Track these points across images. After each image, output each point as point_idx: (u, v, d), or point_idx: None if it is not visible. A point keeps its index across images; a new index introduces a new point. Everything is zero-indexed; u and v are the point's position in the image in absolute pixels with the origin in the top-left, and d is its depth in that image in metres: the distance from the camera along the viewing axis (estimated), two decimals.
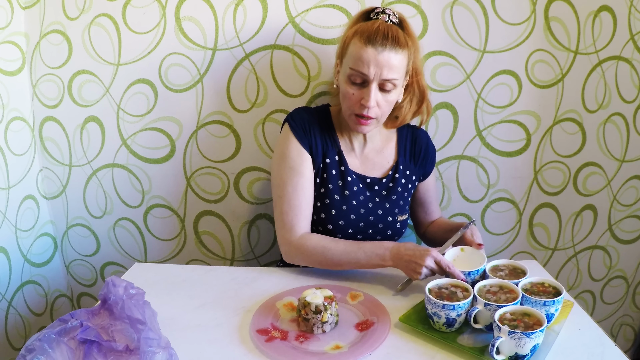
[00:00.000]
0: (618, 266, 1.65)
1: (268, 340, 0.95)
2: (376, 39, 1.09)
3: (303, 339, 0.97)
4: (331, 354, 0.92)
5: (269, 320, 1.02)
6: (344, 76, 1.14)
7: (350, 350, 0.92)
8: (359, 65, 1.10)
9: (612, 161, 1.53)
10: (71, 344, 0.85)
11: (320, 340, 0.96)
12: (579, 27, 1.40)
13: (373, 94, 1.11)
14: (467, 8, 1.39)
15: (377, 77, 1.10)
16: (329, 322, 0.98)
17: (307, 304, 0.97)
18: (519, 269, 1.06)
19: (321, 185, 1.23)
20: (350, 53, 1.12)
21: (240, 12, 1.40)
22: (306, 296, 0.99)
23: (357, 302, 1.08)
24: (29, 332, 1.55)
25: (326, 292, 1.01)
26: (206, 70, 1.44)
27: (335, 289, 1.11)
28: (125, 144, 1.52)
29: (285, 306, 1.07)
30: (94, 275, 1.68)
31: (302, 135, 1.21)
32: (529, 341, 0.84)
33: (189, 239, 1.61)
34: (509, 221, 1.59)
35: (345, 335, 0.98)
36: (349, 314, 1.05)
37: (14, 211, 1.46)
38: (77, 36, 1.43)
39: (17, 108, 1.46)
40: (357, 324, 1.01)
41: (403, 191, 1.28)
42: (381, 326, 0.98)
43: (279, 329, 1.00)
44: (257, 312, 1.04)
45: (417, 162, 1.31)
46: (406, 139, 1.31)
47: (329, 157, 1.23)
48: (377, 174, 1.27)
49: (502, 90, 1.46)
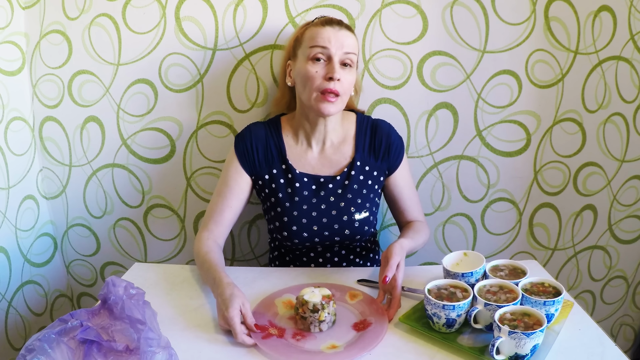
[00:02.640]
0: (618, 266, 1.65)
1: (265, 337, 0.95)
2: (332, 22, 1.19)
3: (300, 337, 0.97)
4: (326, 353, 0.92)
5: (267, 317, 1.02)
6: (304, 59, 1.18)
7: (346, 350, 0.92)
8: (320, 41, 1.16)
9: (612, 161, 1.53)
10: (71, 344, 0.85)
11: (317, 339, 0.96)
12: (579, 27, 1.40)
13: (337, 66, 1.15)
14: (467, 8, 1.39)
15: (338, 52, 1.16)
16: (326, 321, 0.98)
17: (305, 303, 0.97)
18: (519, 269, 1.06)
19: (270, 195, 1.26)
20: (307, 38, 1.19)
21: (240, 12, 1.40)
22: (304, 294, 0.99)
23: (356, 302, 1.08)
24: (29, 332, 1.55)
25: (325, 291, 1.01)
26: (206, 70, 1.44)
27: (335, 287, 1.11)
28: (125, 144, 1.52)
29: (284, 303, 1.07)
30: (94, 275, 1.68)
31: (244, 157, 1.27)
32: (529, 341, 0.84)
33: (189, 239, 1.61)
34: (509, 221, 1.59)
35: (342, 335, 0.98)
36: (347, 313, 1.05)
37: (14, 211, 1.46)
38: (77, 36, 1.43)
39: (17, 108, 1.46)
40: (355, 324, 1.01)
41: (361, 188, 1.26)
42: (378, 327, 0.98)
43: (277, 326, 1.00)
44: (256, 309, 1.04)
45: (379, 156, 1.28)
46: (365, 133, 1.29)
47: (275, 168, 1.26)
48: (332, 172, 1.27)
49: (502, 90, 1.46)
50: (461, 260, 1.12)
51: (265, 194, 1.28)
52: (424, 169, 1.52)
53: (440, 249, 1.61)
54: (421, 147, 1.50)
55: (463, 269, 1.08)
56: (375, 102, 1.46)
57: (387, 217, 1.55)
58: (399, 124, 1.44)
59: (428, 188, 1.54)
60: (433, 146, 1.51)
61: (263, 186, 1.27)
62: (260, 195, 1.30)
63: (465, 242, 1.61)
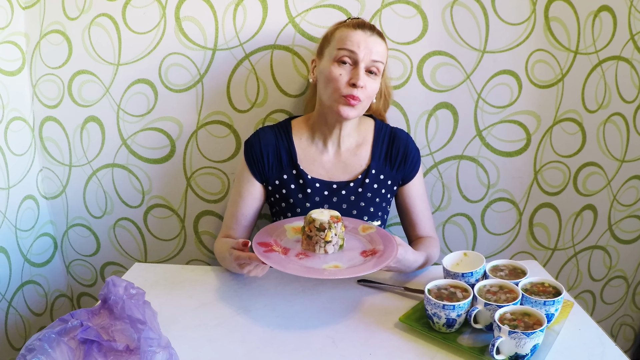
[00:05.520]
0: (618, 266, 1.65)
1: (267, 251, 0.92)
2: (364, 26, 1.16)
3: (303, 256, 0.93)
4: (327, 270, 0.88)
5: (272, 237, 0.99)
6: (330, 60, 1.15)
7: (347, 269, 0.89)
8: (349, 44, 1.12)
9: (612, 161, 1.54)
10: (71, 344, 0.85)
11: (320, 259, 0.93)
12: (579, 27, 1.40)
13: (362, 73, 1.12)
14: (467, 8, 1.39)
15: (366, 58, 1.13)
16: (332, 242, 0.94)
17: (312, 221, 0.94)
18: (519, 269, 1.06)
19: (281, 200, 1.25)
20: (336, 39, 1.15)
21: (240, 12, 1.40)
22: (312, 213, 0.96)
23: (368, 233, 1.04)
24: (29, 332, 1.55)
25: (334, 212, 0.97)
26: (206, 70, 1.44)
27: (348, 220, 1.08)
28: (125, 144, 1.52)
29: (294, 229, 1.04)
30: (94, 275, 1.68)
31: (253, 164, 1.25)
32: (529, 341, 0.84)
33: (189, 239, 1.61)
34: (509, 221, 1.59)
35: (348, 259, 0.94)
36: (357, 243, 1.01)
37: (14, 211, 1.46)
38: (77, 36, 1.43)
39: (17, 108, 1.46)
40: (363, 251, 0.98)
41: (374, 197, 1.24)
42: (387, 253, 0.94)
43: (282, 246, 0.96)
44: (264, 230, 1.02)
45: (395, 166, 1.27)
46: (383, 141, 1.28)
47: (285, 174, 1.25)
48: (346, 178, 1.25)
49: (502, 90, 1.46)
50: (461, 260, 1.12)
51: (275, 198, 1.27)
52: (424, 169, 1.52)
53: (440, 249, 1.60)
54: (421, 147, 1.50)
55: (463, 269, 1.08)
56: None
57: (390, 216, 1.55)
58: (399, 124, 1.44)
59: (428, 188, 1.54)
60: (433, 146, 1.51)
61: (273, 191, 1.26)
62: (269, 200, 1.30)
63: (465, 242, 1.61)
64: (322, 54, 1.19)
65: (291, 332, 0.99)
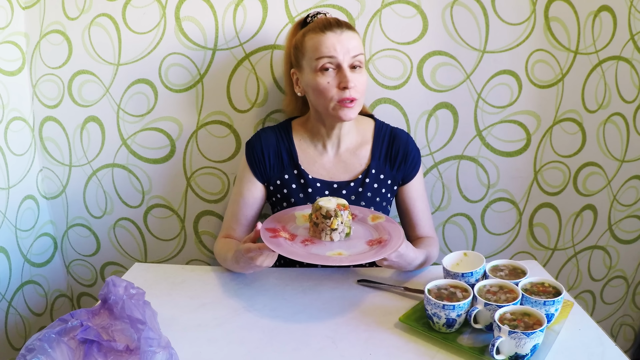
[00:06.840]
0: (618, 266, 1.65)
1: (273, 237, 0.93)
2: (331, 25, 1.13)
3: (309, 242, 0.94)
4: (331, 257, 0.89)
5: (281, 224, 0.99)
6: (311, 71, 1.14)
7: (351, 256, 0.89)
8: (325, 51, 1.11)
9: (612, 161, 1.54)
10: (71, 344, 0.85)
11: (325, 246, 0.93)
12: (579, 27, 1.40)
13: (349, 74, 1.12)
14: (467, 8, 1.39)
15: (346, 57, 1.12)
16: (338, 230, 0.94)
17: (319, 208, 0.94)
18: (519, 269, 1.06)
19: (282, 200, 1.26)
20: (309, 48, 1.14)
21: (240, 12, 1.40)
22: (320, 201, 0.96)
23: (377, 223, 1.04)
24: (29, 332, 1.55)
25: (342, 200, 0.97)
26: (206, 70, 1.44)
27: (358, 209, 1.08)
28: (125, 144, 1.52)
29: (304, 216, 1.04)
30: (94, 275, 1.68)
31: (254, 165, 1.26)
32: (529, 341, 0.84)
33: (189, 239, 1.61)
34: (509, 221, 1.59)
35: (353, 247, 0.94)
36: (363, 231, 1.01)
37: (14, 211, 1.46)
38: (77, 36, 1.44)
39: (17, 108, 1.46)
40: (370, 240, 0.98)
41: (374, 196, 1.25)
42: (392, 243, 0.94)
43: (289, 232, 0.97)
44: (274, 216, 1.03)
45: (395, 166, 1.27)
46: (383, 141, 1.28)
47: (287, 174, 1.25)
48: (347, 177, 1.25)
49: (502, 90, 1.46)
50: (461, 260, 1.12)
51: (276, 198, 1.27)
52: (424, 169, 1.52)
53: (440, 249, 1.60)
54: (421, 147, 1.50)
55: (463, 269, 1.08)
56: (375, 102, 1.46)
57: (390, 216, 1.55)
58: (399, 124, 1.44)
59: (428, 188, 1.54)
60: (433, 146, 1.51)
61: (274, 191, 1.27)
62: (271, 200, 1.30)
63: (465, 242, 1.61)
64: (300, 66, 1.18)
65: (291, 332, 0.99)
